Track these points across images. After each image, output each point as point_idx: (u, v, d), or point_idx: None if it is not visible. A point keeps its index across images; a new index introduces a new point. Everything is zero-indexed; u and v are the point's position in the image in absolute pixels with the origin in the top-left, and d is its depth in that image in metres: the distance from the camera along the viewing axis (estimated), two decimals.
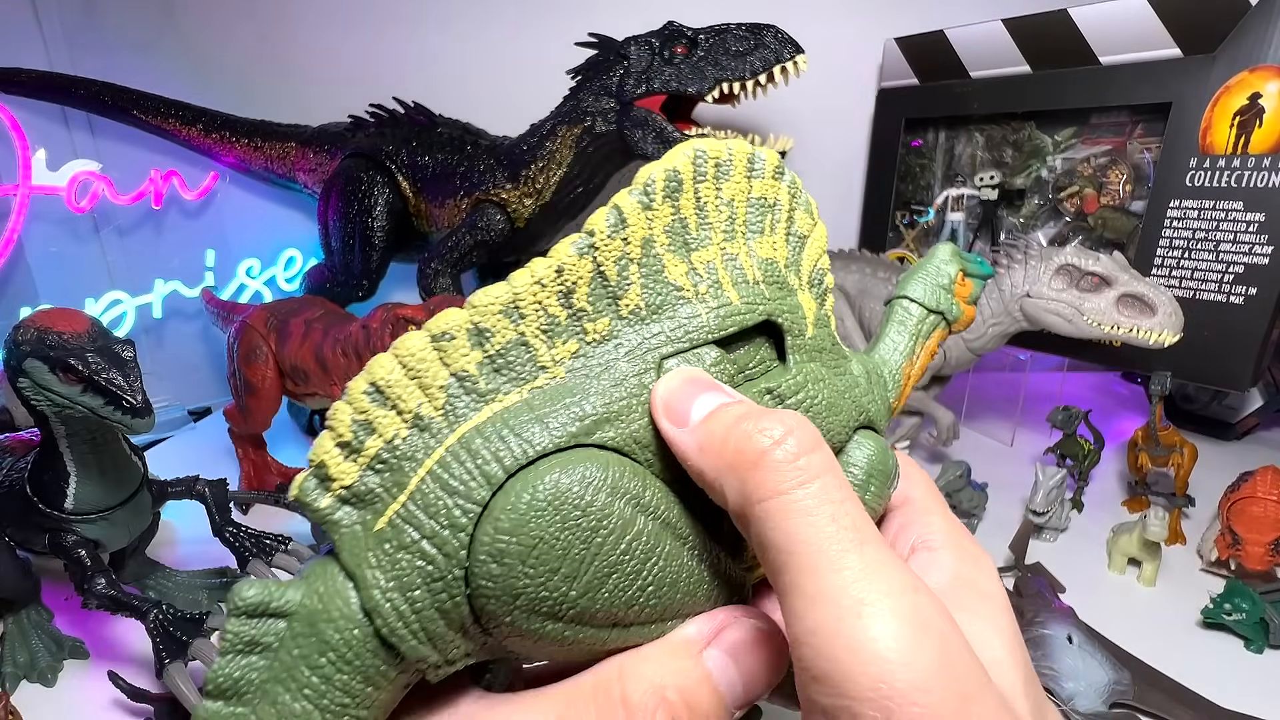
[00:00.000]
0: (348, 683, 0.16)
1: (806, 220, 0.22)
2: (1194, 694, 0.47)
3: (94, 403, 0.42)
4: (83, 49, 0.92)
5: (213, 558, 0.59)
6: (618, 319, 0.19)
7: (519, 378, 0.18)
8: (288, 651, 0.16)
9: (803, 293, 0.22)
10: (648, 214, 0.19)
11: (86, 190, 0.90)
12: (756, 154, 0.21)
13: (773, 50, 0.73)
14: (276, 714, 0.16)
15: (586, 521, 0.16)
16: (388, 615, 0.16)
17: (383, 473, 0.17)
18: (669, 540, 0.17)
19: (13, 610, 0.52)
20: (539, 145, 0.82)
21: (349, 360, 0.63)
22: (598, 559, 0.16)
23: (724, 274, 0.20)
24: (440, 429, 0.17)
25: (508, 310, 0.18)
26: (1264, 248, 0.68)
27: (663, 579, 0.17)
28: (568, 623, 0.16)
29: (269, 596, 0.16)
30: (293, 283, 1.01)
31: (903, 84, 0.93)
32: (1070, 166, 0.83)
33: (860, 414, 0.22)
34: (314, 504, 0.17)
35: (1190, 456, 0.67)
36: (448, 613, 0.16)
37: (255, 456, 0.76)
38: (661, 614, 0.17)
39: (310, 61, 0.96)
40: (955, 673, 0.14)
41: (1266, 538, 0.56)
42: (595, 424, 0.17)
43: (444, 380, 0.17)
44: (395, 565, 0.16)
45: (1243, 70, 0.67)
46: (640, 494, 0.17)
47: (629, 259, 0.19)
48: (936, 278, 0.27)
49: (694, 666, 0.17)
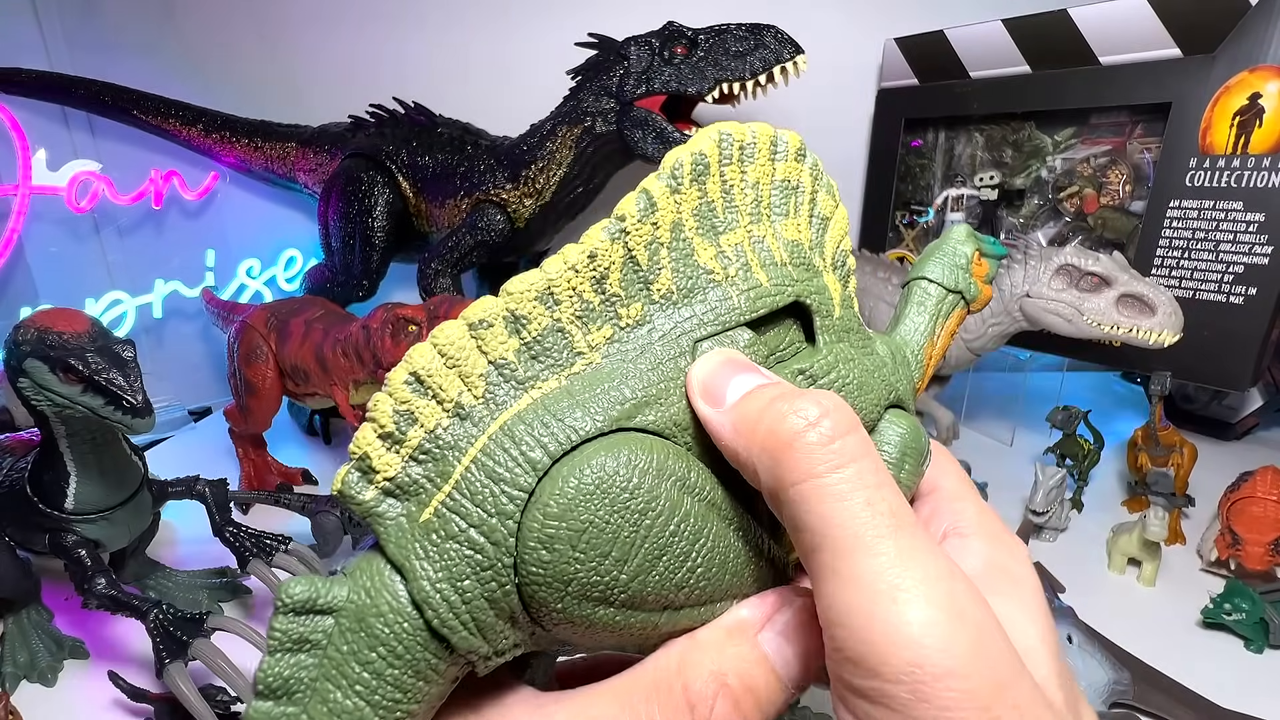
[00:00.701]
0: (399, 677, 0.16)
1: (829, 202, 0.22)
2: (1194, 694, 0.47)
3: (94, 403, 0.42)
4: (83, 49, 0.92)
5: (213, 558, 0.59)
6: (650, 303, 0.19)
7: (557, 364, 0.18)
8: (337, 648, 0.16)
9: (828, 274, 0.22)
10: (676, 198, 0.19)
11: (87, 190, 0.90)
12: (780, 135, 0.21)
13: (773, 50, 0.73)
14: (329, 712, 0.16)
15: (635, 504, 0.16)
16: (438, 606, 0.16)
17: (426, 463, 0.16)
18: (715, 521, 0.17)
19: (13, 610, 0.52)
20: (539, 145, 0.82)
21: (349, 360, 0.63)
22: (648, 541, 0.16)
23: (752, 256, 0.20)
24: (482, 417, 0.17)
25: (543, 296, 0.17)
26: (1264, 248, 0.68)
27: (712, 559, 0.17)
28: (619, 607, 0.16)
29: (316, 593, 0.16)
30: (293, 283, 1.01)
31: (902, 84, 0.93)
32: (1070, 166, 0.83)
33: (890, 393, 0.22)
34: (357, 497, 0.16)
35: (1190, 456, 0.67)
36: (497, 602, 0.16)
37: (255, 456, 0.76)
38: (711, 595, 0.17)
39: (310, 62, 0.96)
40: (990, 659, 0.14)
41: (1266, 538, 0.56)
42: (635, 408, 0.17)
43: (483, 368, 0.17)
44: (443, 556, 0.16)
45: (1243, 70, 0.67)
46: (685, 475, 0.17)
47: (660, 243, 0.19)
48: (954, 258, 0.27)
49: (751, 650, 0.17)
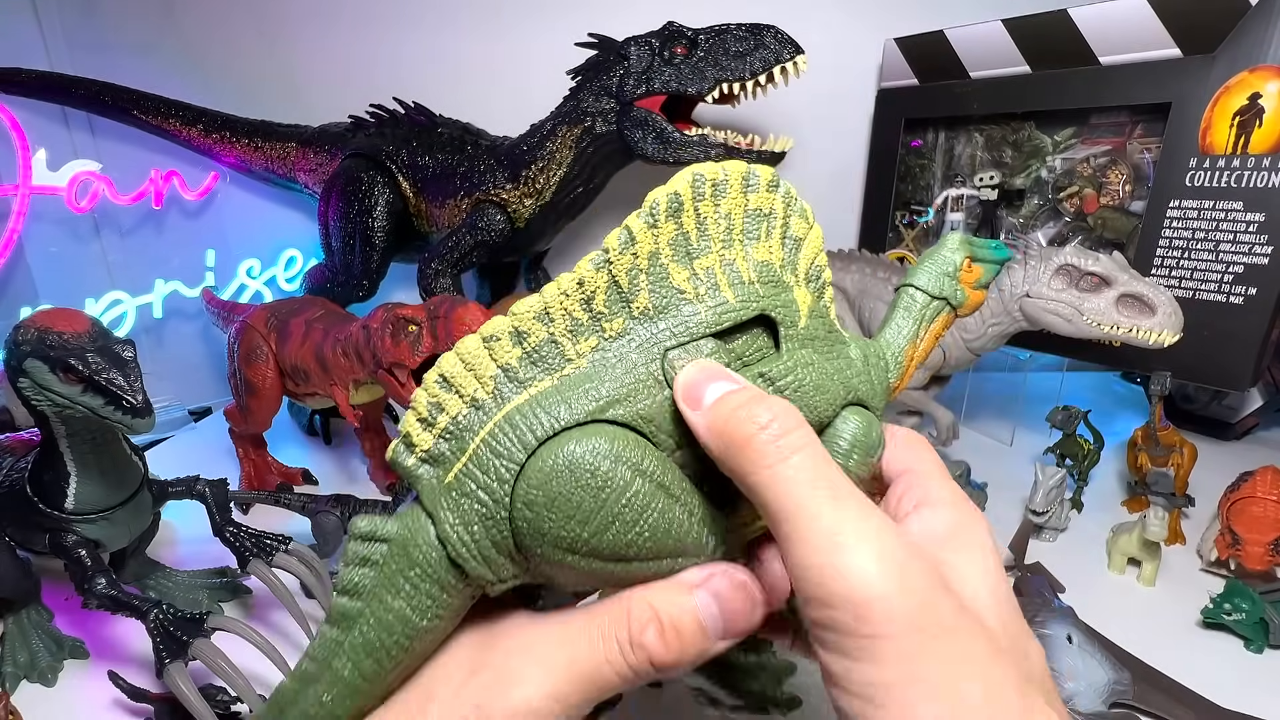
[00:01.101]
0: (429, 589, 0.22)
1: (802, 224, 0.25)
2: (1194, 694, 0.47)
3: (94, 403, 0.42)
4: (83, 49, 0.92)
5: (213, 557, 0.59)
6: (630, 319, 0.23)
7: (550, 368, 0.23)
8: (388, 566, 0.22)
9: (799, 288, 0.25)
10: (653, 231, 0.23)
11: (87, 190, 0.90)
12: (752, 171, 0.24)
13: (773, 51, 0.73)
14: (383, 608, 0.22)
15: (594, 482, 0.21)
16: (455, 544, 0.22)
17: (450, 440, 0.22)
18: (662, 498, 0.21)
19: (13, 610, 0.52)
20: (539, 145, 0.82)
21: (349, 360, 0.63)
22: (602, 510, 0.21)
23: (722, 277, 0.23)
24: (490, 408, 0.22)
25: (540, 316, 0.23)
26: (1264, 248, 0.68)
27: (656, 527, 0.21)
28: (582, 556, 0.21)
29: (375, 527, 0.23)
30: (293, 283, 1.01)
31: (902, 84, 0.93)
32: (1070, 166, 0.83)
33: (849, 393, 0.25)
34: (403, 463, 0.23)
35: (1190, 456, 0.67)
36: (498, 543, 0.22)
37: (256, 456, 0.76)
38: (657, 553, 0.22)
39: (311, 62, 0.97)
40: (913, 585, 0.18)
41: (1266, 537, 0.56)
42: (608, 403, 0.22)
43: (493, 371, 0.22)
44: (460, 508, 0.22)
45: (1242, 70, 0.67)
46: (639, 461, 0.21)
47: (639, 269, 0.23)
48: (942, 265, 0.29)
49: (684, 600, 0.22)
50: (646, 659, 0.21)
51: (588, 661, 0.22)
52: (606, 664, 0.21)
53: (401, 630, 0.22)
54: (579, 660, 0.22)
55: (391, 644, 0.22)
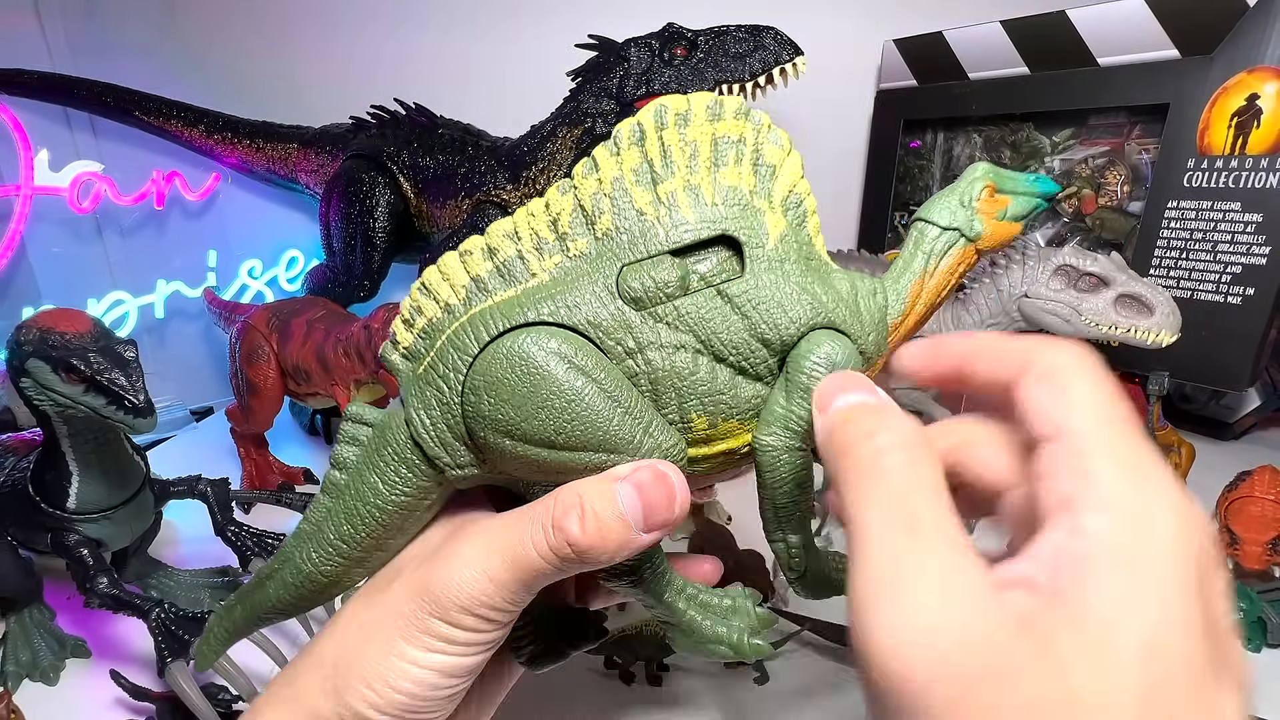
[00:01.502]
0: (398, 468, 0.25)
1: (776, 152, 0.25)
2: None
3: (96, 403, 0.42)
4: (85, 50, 0.92)
5: (214, 557, 0.59)
6: (594, 239, 0.25)
7: (515, 281, 0.25)
8: (369, 446, 0.26)
9: (772, 214, 0.25)
10: (616, 159, 0.24)
11: (89, 191, 0.90)
12: (718, 101, 0.25)
13: (772, 52, 0.73)
14: (361, 481, 0.26)
15: (526, 368, 0.22)
16: (416, 425, 0.25)
17: (425, 339, 0.25)
18: (594, 392, 0.23)
19: (15, 609, 0.52)
20: (540, 147, 0.82)
21: (351, 360, 0.63)
22: (532, 396, 0.23)
23: (684, 199, 0.24)
24: (459, 311, 0.25)
25: (510, 235, 0.25)
26: (1261, 248, 0.68)
27: (582, 418, 0.23)
28: (515, 440, 0.23)
29: (362, 412, 0.26)
30: (294, 283, 1.01)
31: (901, 85, 0.93)
32: (1068, 167, 0.83)
33: (819, 314, 0.25)
34: (389, 357, 0.26)
35: (1188, 456, 0.67)
36: (452, 428, 0.24)
37: (257, 456, 0.76)
38: (583, 444, 0.23)
39: (312, 63, 0.97)
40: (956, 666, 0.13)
41: (1264, 537, 0.56)
42: (557, 309, 0.24)
43: (464, 281, 0.25)
44: (422, 395, 0.25)
45: (1240, 71, 0.67)
46: (573, 355, 0.23)
47: (602, 193, 0.24)
48: (957, 195, 0.27)
49: (606, 489, 0.23)
50: (564, 541, 0.22)
51: (517, 544, 0.23)
52: (531, 546, 0.23)
53: (374, 502, 0.25)
54: (510, 543, 0.23)
55: (366, 513, 0.25)
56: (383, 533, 0.26)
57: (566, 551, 0.22)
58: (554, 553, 0.23)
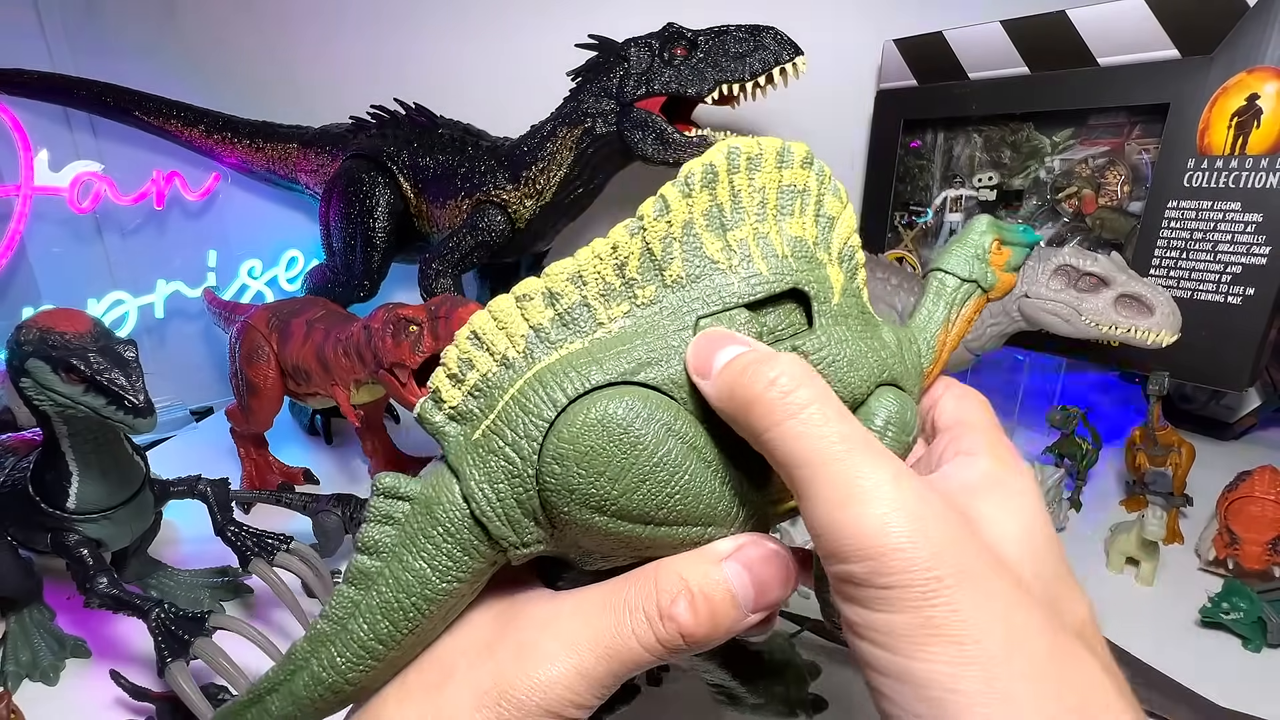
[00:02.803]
0: (451, 550, 0.22)
1: (835, 203, 0.25)
2: (1192, 693, 0.47)
3: (96, 403, 0.42)
4: (85, 50, 0.92)
5: (214, 557, 0.59)
6: (663, 286, 0.23)
7: (581, 331, 0.22)
8: (410, 525, 0.22)
9: (832, 266, 0.25)
10: (687, 201, 0.23)
11: (89, 191, 0.90)
12: (787, 147, 0.24)
13: (772, 52, 0.73)
14: (402, 568, 0.22)
15: (627, 438, 0.20)
16: (480, 501, 0.21)
17: (478, 398, 0.22)
18: (694, 461, 0.21)
19: (15, 609, 0.52)
20: (539, 146, 0.82)
21: (351, 360, 0.63)
22: (634, 468, 0.20)
23: (755, 249, 0.23)
24: (521, 366, 0.22)
25: (573, 278, 0.22)
26: (1261, 248, 0.68)
27: (687, 490, 0.21)
28: (610, 516, 0.21)
29: (398, 484, 0.22)
30: (294, 283, 1.01)
31: (901, 85, 0.93)
32: (1068, 167, 0.83)
33: (883, 372, 0.24)
34: (430, 419, 0.22)
35: (1188, 456, 0.67)
36: (523, 502, 0.21)
37: (257, 456, 0.76)
38: (685, 518, 0.21)
39: (312, 63, 0.97)
40: (929, 535, 0.17)
41: (1264, 537, 0.56)
42: (639, 366, 0.21)
43: (524, 331, 0.22)
44: (486, 465, 0.21)
45: (1240, 71, 0.67)
46: (671, 422, 0.21)
47: (672, 237, 0.23)
48: (972, 248, 0.29)
49: (714, 570, 0.21)
50: (677, 631, 0.20)
51: (614, 636, 0.21)
52: (633, 637, 0.21)
53: (419, 592, 0.22)
54: (605, 635, 0.21)
55: (409, 605, 0.22)
56: (427, 626, 0.22)
57: (678, 642, 0.21)
58: (662, 644, 0.21)
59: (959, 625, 0.17)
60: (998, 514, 0.21)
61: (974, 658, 0.16)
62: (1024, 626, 0.17)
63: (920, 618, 0.17)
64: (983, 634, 0.17)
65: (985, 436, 0.24)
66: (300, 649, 0.23)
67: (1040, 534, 0.21)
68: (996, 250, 0.29)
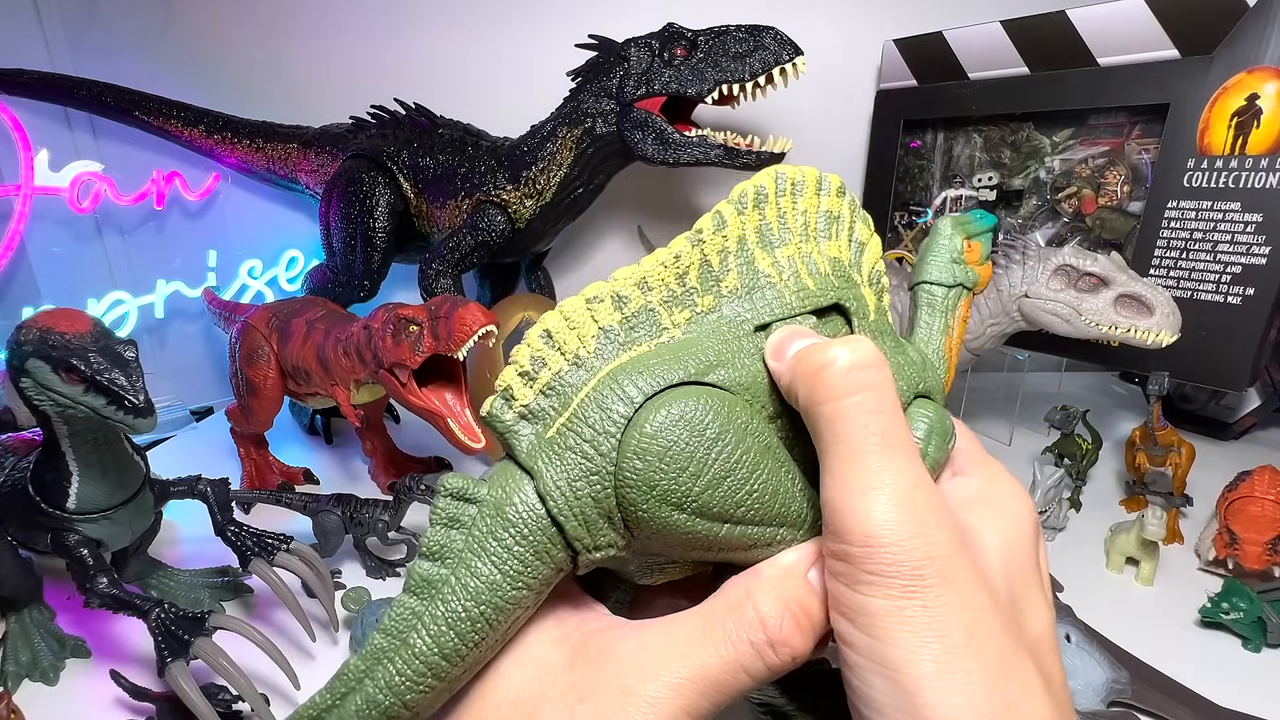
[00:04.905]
0: (523, 554, 0.21)
1: (865, 230, 0.27)
2: (1192, 693, 0.47)
3: (96, 403, 0.42)
4: (85, 50, 0.92)
5: (214, 557, 0.60)
6: (720, 296, 0.24)
7: (648, 334, 0.23)
8: (479, 528, 0.21)
9: (864, 287, 0.26)
10: (741, 218, 0.24)
11: (89, 191, 0.90)
12: (825, 177, 0.26)
13: (772, 52, 0.73)
14: (470, 574, 0.21)
15: (709, 433, 0.20)
16: (557, 498, 0.21)
17: (551, 396, 0.22)
18: (769, 460, 0.21)
19: (15, 609, 0.52)
20: (539, 147, 0.82)
21: (351, 360, 0.63)
22: (717, 463, 0.20)
23: (801, 266, 0.25)
24: (594, 366, 0.22)
25: (640, 284, 0.23)
26: (1261, 248, 0.68)
27: (765, 488, 0.21)
28: (690, 514, 0.21)
29: (466, 486, 0.22)
30: (294, 283, 1.01)
31: (901, 85, 0.93)
32: (1068, 167, 0.83)
33: (920, 383, 0.26)
34: (501, 417, 0.22)
35: (1188, 456, 0.67)
36: (600, 501, 0.21)
37: (257, 456, 0.76)
38: (763, 517, 0.21)
39: (312, 63, 0.97)
40: (925, 540, 0.19)
41: (1264, 537, 0.56)
42: (708, 368, 0.22)
43: (594, 331, 0.23)
44: (563, 462, 0.21)
45: (1240, 71, 0.67)
46: (748, 422, 0.21)
47: (728, 251, 0.24)
48: (946, 254, 0.30)
49: (804, 584, 0.21)
50: (790, 655, 0.20)
51: (719, 670, 0.20)
52: (742, 671, 0.20)
53: (489, 599, 0.21)
54: (710, 672, 0.20)
55: (478, 615, 0.21)
56: (492, 639, 0.21)
57: (789, 666, 0.20)
58: (772, 671, 0.20)
59: (927, 620, 0.18)
60: (984, 526, 0.22)
61: (933, 649, 0.18)
62: (986, 631, 0.19)
63: (895, 606, 0.18)
64: (947, 630, 0.18)
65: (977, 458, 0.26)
66: (353, 667, 0.21)
67: (1017, 551, 0.22)
68: (968, 248, 0.30)
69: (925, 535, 0.19)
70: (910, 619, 0.18)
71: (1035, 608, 0.22)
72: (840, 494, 0.20)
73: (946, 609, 0.18)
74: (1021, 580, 0.22)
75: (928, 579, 0.18)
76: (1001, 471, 0.25)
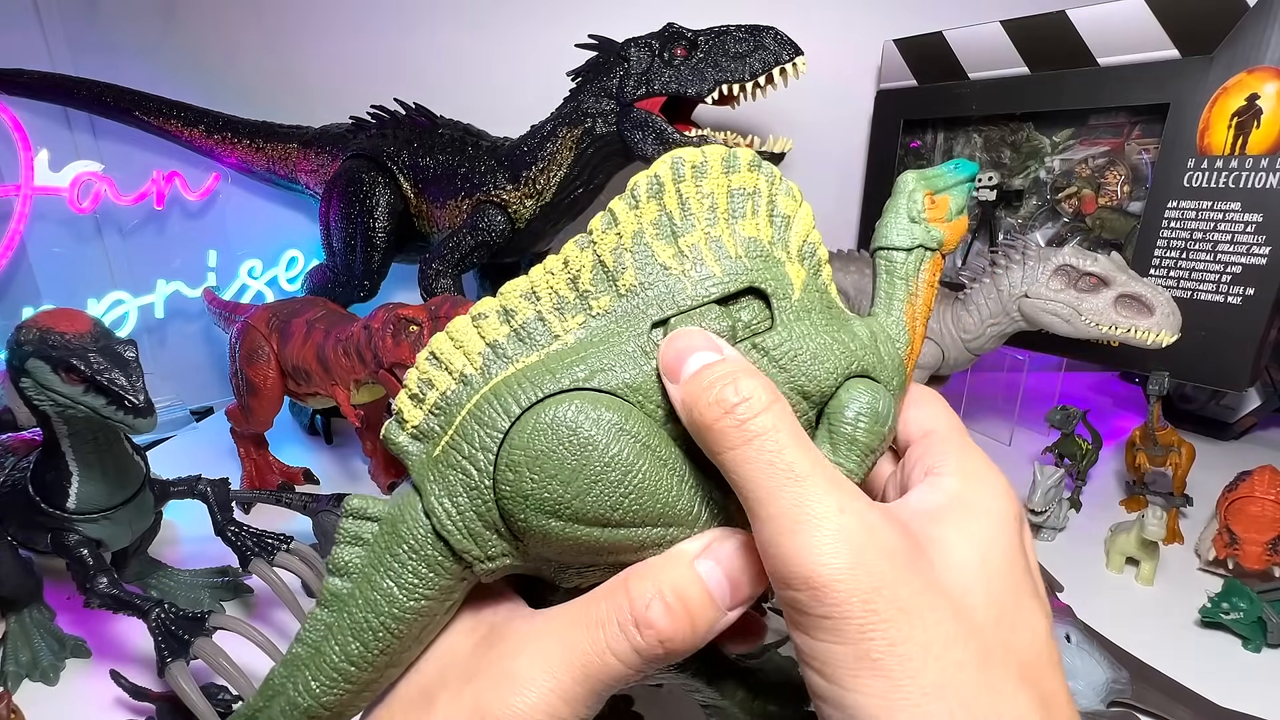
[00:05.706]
0: (416, 567, 0.22)
1: (789, 203, 0.25)
2: (1192, 693, 0.47)
3: (96, 403, 0.42)
4: (85, 50, 0.92)
5: (214, 557, 0.60)
6: (617, 296, 0.23)
7: (537, 345, 0.23)
8: (378, 545, 0.23)
9: (791, 264, 0.25)
10: (635, 212, 0.23)
11: (89, 191, 0.90)
12: (732, 153, 0.24)
13: (772, 52, 0.73)
14: (370, 587, 0.22)
15: (576, 440, 0.20)
16: (440, 516, 0.22)
17: (439, 416, 0.23)
18: (649, 461, 0.21)
19: (15, 609, 0.52)
20: (539, 147, 0.82)
21: (351, 360, 0.63)
22: (585, 469, 0.20)
23: (707, 252, 0.24)
24: (478, 382, 0.22)
25: (527, 295, 0.23)
26: (1261, 248, 0.68)
27: (642, 490, 0.21)
28: (565, 520, 0.21)
29: (366, 505, 0.23)
30: (294, 283, 1.01)
31: (901, 85, 0.93)
32: (1068, 167, 0.83)
33: (852, 364, 0.24)
34: (395, 439, 0.23)
35: (1188, 456, 0.67)
36: (482, 515, 0.22)
37: (257, 456, 0.76)
38: (643, 519, 0.21)
39: (312, 63, 0.97)
40: (868, 568, 0.18)
41: (1264, 537, 0.56)
42: (593, 373, 0.22)
43: (480, 348, 0.23)
44: (445, 480, 0.22)
45: (1240, 71, 0.67)
46: (623, 423, 0.21)
47: (623, 248, 0.23)
48: (903, 214, 0.27)
49: (686, 571, 0.21)
50: (655, 638, 0.20)
51: (589, 653, 0.20)
52: (609, 652, 0.20)
53: (388, 611, 0.22)
54: (580, 653, 0.20)
55: (379, 625, 0.22)
56: (398, 646, 0.23)
57: (657, 650, 0.20)
58: (640, 655, 0.20)
59: (894, 660, 0.17)
60: (956, 538, 0.20)
61: (906, 693, 0.17)
62: (958, 663, 0.18)
63: (859, 650, 0.17)
64: (917, 670, 0.17)
65: (954, 450, 0.24)
66: (276, 675, 0.23)
67: (998, 556, 0.20)
68: (930, 204, 0.27)
69: (865, 563, 0.18)
70: (876, 662, 0.17)
71: (1028, 618, 0.20)
72: (769, 536, 0.19)
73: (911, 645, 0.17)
74: (1009, 590, 0.20)
75: (882, 612, 0.17)
76: (982, 464, 0.23)
